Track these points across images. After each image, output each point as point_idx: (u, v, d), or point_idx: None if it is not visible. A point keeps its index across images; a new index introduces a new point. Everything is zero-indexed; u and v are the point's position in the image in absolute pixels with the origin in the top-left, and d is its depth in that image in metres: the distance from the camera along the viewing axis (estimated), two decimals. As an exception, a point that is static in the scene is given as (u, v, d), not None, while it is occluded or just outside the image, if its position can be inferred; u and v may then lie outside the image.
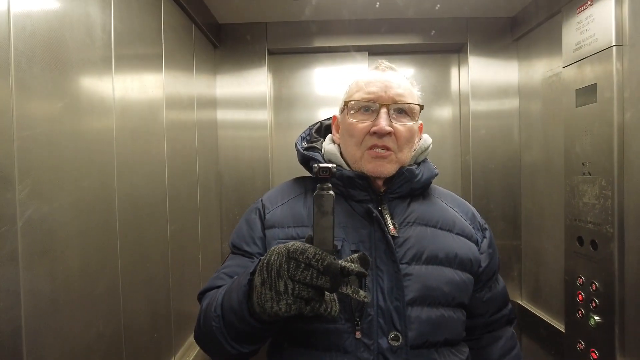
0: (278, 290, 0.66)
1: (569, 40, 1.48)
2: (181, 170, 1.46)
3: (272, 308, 0.67)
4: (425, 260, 0.92)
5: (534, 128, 1.85)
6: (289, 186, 1.09)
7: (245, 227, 1.01)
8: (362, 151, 0.96)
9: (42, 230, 0.75)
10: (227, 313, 0.77)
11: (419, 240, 0.94)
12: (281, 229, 0.96)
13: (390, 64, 1.05)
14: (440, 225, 0.99)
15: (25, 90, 0.72)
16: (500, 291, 1.09)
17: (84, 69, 0.90)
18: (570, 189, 1.49)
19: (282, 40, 1.95)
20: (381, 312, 0.87)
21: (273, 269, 0.67)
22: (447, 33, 1.96)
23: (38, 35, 0.75)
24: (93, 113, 0.93)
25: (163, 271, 1.29)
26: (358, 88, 1.00)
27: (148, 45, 1.23)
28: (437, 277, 0.91)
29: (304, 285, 0.65)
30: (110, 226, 0.99)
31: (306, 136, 1.14)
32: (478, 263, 1.00)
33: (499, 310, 1.08)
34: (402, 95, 0.97)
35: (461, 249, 0.97)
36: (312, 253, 0.65)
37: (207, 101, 1.81)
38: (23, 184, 0.70)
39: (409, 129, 0.97)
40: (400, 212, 0.98)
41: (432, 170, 1.06)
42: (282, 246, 0.69)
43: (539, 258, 1.83)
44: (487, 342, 1.07)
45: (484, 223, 1.10)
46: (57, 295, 0.79)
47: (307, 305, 0.67)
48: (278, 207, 1.00)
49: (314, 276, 0.64)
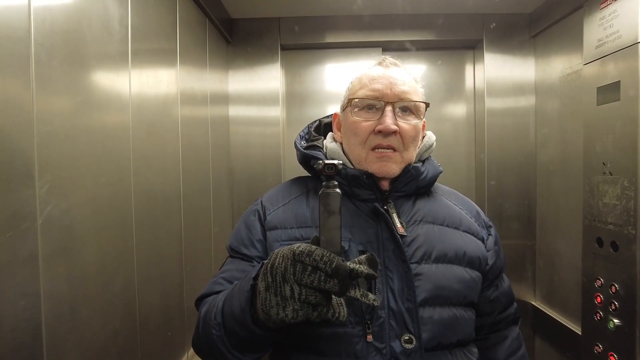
0: (284, 296, 0.62)
1: (590, 36, 1.45)
2: (195, 166, 1.45)
3: (277, 314, 0.63)
4: (435, 259, 0.89)
5: (550, 126, 1.82)
6: (289, 186, 1.04)
7: (244, 230, 0.96)
8: (367, 151, 0.93)
9: (61, 228, 0.74)
10: (228, 320, 0.73)
11: (427, 239, 0.91)
12: (284, 230, 0.92)
13: (394, 60, 1.01)
14: (447, 223, 0.96)
15: (45, 85, 0.70)
16: (506, 289, 1.06)
17: (102, 63, 0.88)
18: (590, 189, 1.46)
19: (295, 35, 1.93)
20: (392, 313, 0.83)
21: (278, 272, 0.63)
22: (463, 29, 1.93)
23: (57, 29, 0.74)
24: (110, 108, 0.92)
25: (177, 268, 1.28)
26: (361, 85, 0.96)
27: (163, 40, 1.21)
28: (448, 275, 0.89)
29: (312, 290, 0.62)
30: (126, 222, 0.98)
31: (305, 135, 1.10)
32: (485, 261, 0.97)
33: (505, 309, 1.06)
34: (407, 92, 0.93)
35: (469, 247, 0.95)
36: (319, 255, 0.61)
37: (219, 97, 1.80)
38: (43, 180, 0.69)
39: (415, 128, 0.94)
40: (406, 211, 0.95)
41: (436, 168, 1.03)
42: (287, 248, 0.65)
43: (554, 258, 1.81)
44: (493, 342, 1.04)
45: (488, 220, 1.07)
46: (76, 293, 0.78)
47: (314, 311, 0.63)
48: (279, 208, 0.96)
49: (322, 279, 0.61)
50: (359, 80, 0.99)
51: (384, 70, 0.97)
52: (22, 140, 0.65)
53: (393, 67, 0.99)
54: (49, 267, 0.70)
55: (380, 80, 0.94)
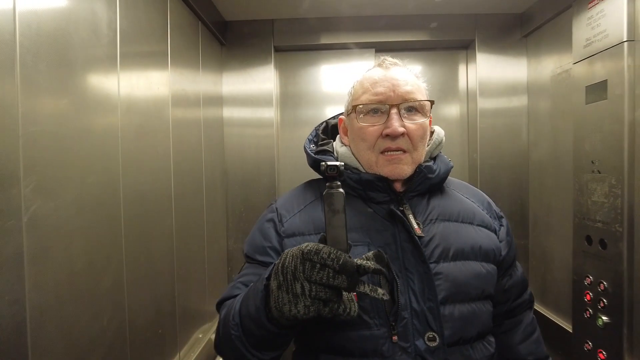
0: (295, 293, 0.65)
1: (579, 36, 1.46)
2: (187, 167, 1.47)
3: (290, 311, 0.66)
4: (452, 257, 0.92)
5: (542, 125, 1.83)
6: (302, 191, 1.05)
7: (258, 237, 0.98)
8: (376, 155, 0.94)
9: (47, 226, 0.76)
10: (245, 320, 0.77)
11: (444, 237, 0.93)
12: (302, 237, 0.94)
13: (394, 59, 1.01)
14: (462, 218, 0.98)
15: (31, 87, 0.72)
16: (520, 277, 1.08)
17: (90, 66, 0.90)
18: (579, 187, 1.47)
19: (289, 37, 1.95)
20: (415, 314, 0.86)
21: (288, 271, 0.66)
22: (455, 29, 1.94)
23: (44, 33, 0.76)
24: (98, 110, 0.93)
25: (168, 268, 1.29)
26: (364, 89, 0.97)
27: (154, 42, 1.23)
28: (466, 272, 0.91)
29: (321, 286, 0.65)
30: (115, 222, 0.99)
31: (313, 138, 1.11)
32: (499, 252, 0.99)
33: (520, 296, 1.08)
34: (411, 92, 0.94)
35: (484, 240, 0.97)
36: (326, 253, 0.64)
37: (213, 99, 1.82)
38: (28, 180, 0.71)
39: (422, 127, 0.95)
40: (421, 210, 0.96)
41: (447, 163, 1.04)
42: (296, 248, 0.68)
43: (546, 257, 1.81)
44: (508, 327, 1.07)
45: (500, 211, 1.09)
46: (61, 290, 0.80)
47: (326, 307, 0.66)
48: (296, 215, 0.98)
49: (330, 276, 0.64)
50: (361, 84, 0.99)
51: (384, 71, 0.97)
52: (6, 141, 0.67)
53: (394, 67, 0.98)
54: (34, 265, 0.72)
55: (382, 83, 0.94)
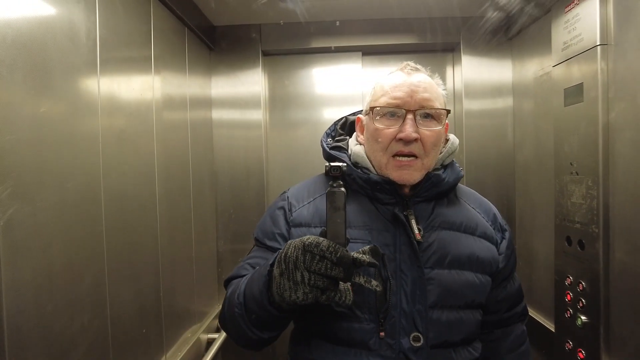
0: (295, 281, 0.72)
1: (557, 39, 1.48)
2: (173, 169, 1.50)
3: (290, 297, 0.73)
4: (448, 265, 0.95)
5: (527, 127, 1.85)
6: (315, 183, 1.09)
7: (269, 222, 1.04)
8: (388, 157, 0.96)
9: (24, 229, 0.78)
10: (249, 301, 0.85)
11: (442, 245, 0.96)
12: (308, 228, 0.99)
13: (416, 64, 1.02)
14: (464, 228, 1.00)
15: (7, 97, 0.75)
16: (515, 290, 1.10)
17: (68, 74, 0.93)
18: (560, 188, 1.49)
19: (276, 41, 1.98)
20: (404, 314, 0.91)
21: (290, 261, 0.73)
22: (441, 32, 1.96)
23: (19, 44, 0.79)
24: (78, 116, 0.96)
25: (153, 270, 1.32)
26: (383, 92, 0.98)
27: (135, 49, 1.26)
28: (459, 281, 0.94)
29: (320, 276, 0.71)
30: (96, 224, 1.02)
31: (331, 132, 1.15)
32: (497, 264, 1.01)
33: (512, 308, 1.10)
34: (428, 99, 0.95)
35: (482, 252, 0.99)
36: (325, 246, 0.71)
37: (201, 102, 1.85)
38: (4, 185, 0.74)
39: (436, 134, 0.96)
40: (425, 216, 0.99)
41: (458, 172, 1.05)
42: (298, 240, 0.74)
43: (531, 257, 1.83)
44: (497, 336, 1.09)
45: (505, 224, 1.10)
46: (40, 291, 0.83)
47: (323, 294, 0.73)
48: (304, 206, 1.02)
49: (328, 267, 0.71)
50: (381, 87, 1.00)
51: (405, 77, 0.98)
52: (-19, 149, 0.70)
53: (415, 73, 0.99)
54: (11, 266, 0.75)
55: (401, 88, 0.96)
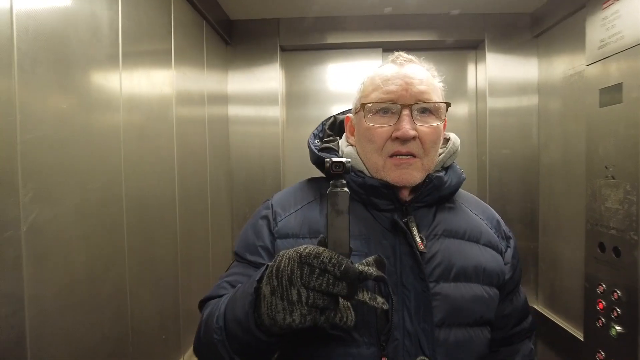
0: (291, 300, 0.60)
1: (593, 37, 1.42)
2: (191, 168, 1.45)
3: (284, 320, 0.60)
4: (454, 277, 0.85)
5: (553, 127, 1.79)
6: (302, 189, 0.98)
7: (250, 234, 0.91)
8: (384, 159, 0.86)
9: (46, 234, 0.74)
10: (231, 324, 0.70)
11: (447, 255, 0.86)
12: (295, 239, 0.86)
13: (410, 55, 0.92)
14: (468, 236, 0.91)
15: (29, 92, 0.70)
16: (521, 304, 1.00)
17: (90, 68, 0.88)
18: (592, 192, 1.43)
19: (295, 36, 1.92)
20: (408, 335, 0.80)
21: (284, 275, 0.61)
22: (464, 29, 1.91)
23: (42, 36, 0.73)
24: (99, 111, 0.91)
25: (172, 272, 1.28)
26: (374, 87, 0.88)
27: (157, 42, 1.21)
28: (466, 295, 0.84)
29: (319, 293, 0.60)
30: (117, 227, 0.97)
31: (319, 133, 1.04)
32: (503, 275, 0.92)
33: (519, 324, 1.00)
34: (426, 92, 0.85)
35: (488, 262, 0.89)
36: (327, 257, 0.59)
37: (218, 98, 1.80)
38: (26, 188, 0.69)
39: (435, 130, 0.87)
40: (426, 223, 0.89)
41: (459, 175, 0.96)
42: (293, 250, 0.62)
43: (556, 262, 1.78)
44: (504, 355, 0.99)
45: (509, 231, 1.01)
46: (61, 300, 0.78)
47: (322, 315, 0.61)
48: (291, 215, 0.90)
49: (331, 282, 0.59)
50: (371, 80, 0.90)
51: (398, 68, 0.88)
52: (4, 148, 0.65)
53: (409, 64, 0.90)
54: (33, 275, 0.70)
55: (394, 81, 0.86)
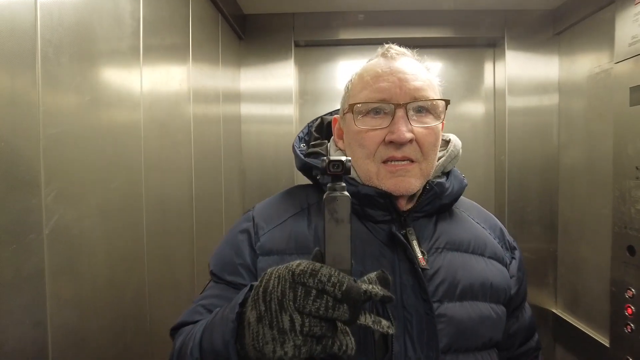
0: (282, 328, 0.49)
1: (623, 33, 1.37)
2: (207, 168, 1.40)
3: (274, 352, 0.49)
4: (459, 296, 0.75)
5: (575, 127, 1.74)
6: (287, 198, 0.87)
7: (228, 251, 0.80)
8: (377, 165, 0.77)
9: (69, 238, 0.68)
10: (208, 356, 0.61)
11: (451, 271, 0.76)
12: (280, 256, 0.76)
13: (402, 48, 0.83)
14: (473, 248, 0.82)
15: (52, 83, 0.65)
16: (527, 321, 0.91)
17: (113, 60, 0.83)
18: (620, 194, 1.39)
19: (309, 31, 1.87)
20: None
21: (273, 298, 0.50)
22: (483, 26, 1.86)
23: (65, 23, 0.68)
24: (121, 107, 0.86)
25: (189, 276, 1.22)
26: (363, 84, 0.79)
27: (176, 35, 1.15)
28: (473, 315, 0.75)
29: (317, 319, 0.49)
30: (137, 229, 0.92)
31: (304, 136, 0.94)
32: (509, 290, 0.83)
33: (526, 342, 0.92)
34: (422, 89, 0.76)
35: (495, 277, 0.80)
36: (326, 275, 0.49)
37: (231, 95, 1.74)
38: (49, 188, 0.63)
39: (434, 131, 0.77)
40: (427, 236, 0.80)
41: (461, 181, 0.87)
42: (284, 267, 0.52)
43: (577, 265, 1.73)
44: None
45: (513, 241, 0.92)
46: (84, 309, 0.73)
47: (318, 344, 0.50)
48: (276, 228, 0.79)
49: (330, 306, 0.48)
50: (360, 78, 0.81)
51: (389, 63, 0.78)
52: (27, 144, 0.60)
53: (401, 57, 0.80)
54: (56, 282, 0.65)
55: (386, 77, 0.76)
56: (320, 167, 0.57)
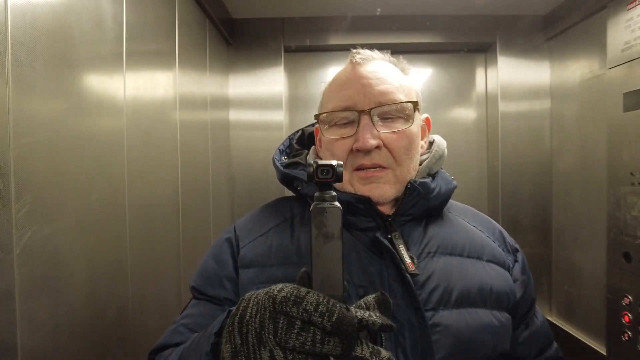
0: None
1: (616, 39, 1.37)
2: (194, 176, 1.34)
3: None
4: (455, 303, 0.70)
5: (567, 133, 1.73)
6: (269, 210, 0.84)
7: (211, 263, 0.77)
8: (350, 173, 0.75)
9: (43, 257, 0.63)
10: None
11: (445, 276, 0.72)
12: (261, 268, 0.72)
13: (370, 51, 0.81)
14: (468, 252, 0.77)
15: (25, 90, 0.60)
16: (540, 327, 0.84)
17: (93, 65, 0.78)
18: (615, 200, 1.37)
19: (299, 37, 1.84)
20: None
21: (250, 330, 0.44)
22: (475, 31, 1.85)
23: (41, 25, 0.63)
24: (102, 115, 0.81)
25: (175, 291, 1.17)
26: (330, 93, 0.78)
27: (161, 40, 1.11)
28: (472, 324, 0.69)
29: (302, 355, 0.43)
30: (120, 243, 0.87)
31: (285, 149, 0.91)
32: (514, 295, 0.78)
33: (541, 353, 0.84)
34: (387, 93, 0.73)
35: (495, 281, 0.75)
36: (312, 303, 0.43)
37: (220, 101, 1.70)
38: (21, 202, 0.58)
39: (405, 135, 0.74)
40: (416, 240, 0.75)
41: (449, 182, 0.82)
42: (263, 292, 0.46)
43: (572, 272, 1.72)
44: None
45: (514, 243, 0.87)
46: (60, 333, 0.67)
47: None
48: (256, 239, 0.76)
49: (318, 340, 0.42)
50: (329, 87, 0.80)
51: (354, 68, 0.77)
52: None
53: (366, 63, 0.77)
54: (27, 305, 0.59)
55: (350, 84, 0.74)
56: (307, 174, 0.50)
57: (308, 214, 0.48)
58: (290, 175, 0.79)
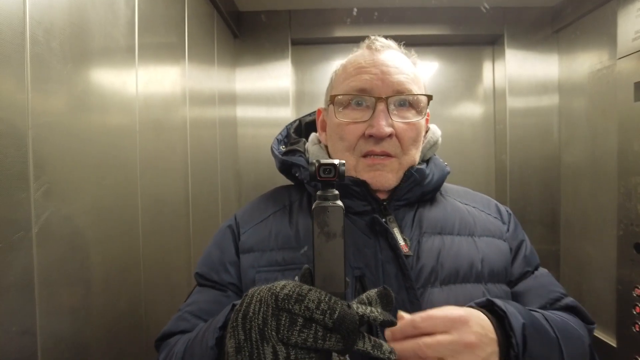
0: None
1: (626, 28, 1.36)
2: (203, 169, 1.35)
3: None
4: (444, 280, 0.71)
5: (576, 126, 1.72)
6: (268, 198, 0.86)
7: (214, 250, 0.79)
8: (357, 158, 0.76)
9: (61, 237, 0.63)
10: None
11: (432, 254, 0.73)
12: (261, 252, 0.74)
13: (388, 40, 0.82)
14: (458, 230, 0.78)
15: (42, 79, 0.60)
16: (542, 282, 0.81)
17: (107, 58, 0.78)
18: (626, 191, 1.36)
19: (307, 29, 1.83)
20: None
21: (254, 327, 0.45)
22: (482, 24, 1.84)
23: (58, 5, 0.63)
24: (116, 105, 0.82)
25: (186, 280, 1.17)
26: (346, 75, 0.78)
27: (172, 33, 1.11)
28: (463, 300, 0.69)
29: (304, 351, 0.44)
30: (133, 229, 0.87)
31: (283, 138, 0.92)
32: (509, 265, 0.78)
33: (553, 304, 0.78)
34: (404, 83, 0.74)
35: (489, 255, 0.76)
36: (314, 301, 0.44)
37: (227, 95, 1.70)
38: (39, 182, 0.58)
39: (415, 127, 0.76)
40: (408, 224, 0.77)
41: (443, 168, 0.84)
42: (266, 289, 0.47)
43: (581, 264, 1.71)
44: None
45: (506, 209, 0.88)
46: (77, 314, 0.67)
47: None
48: (256, 226, 0.79)
49: (320, 336, 0.43)
50: (344, 69, 0.80)
51: (373, 55, 0.77)
52: (14, 135, 0.55)
53: (386, 50, 0.79)
54: (46, 286, 0.59)
55: (369, 69, 0.75)
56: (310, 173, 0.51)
57: (311, 212, 0.49)
58: (289, 162, 0.81)
